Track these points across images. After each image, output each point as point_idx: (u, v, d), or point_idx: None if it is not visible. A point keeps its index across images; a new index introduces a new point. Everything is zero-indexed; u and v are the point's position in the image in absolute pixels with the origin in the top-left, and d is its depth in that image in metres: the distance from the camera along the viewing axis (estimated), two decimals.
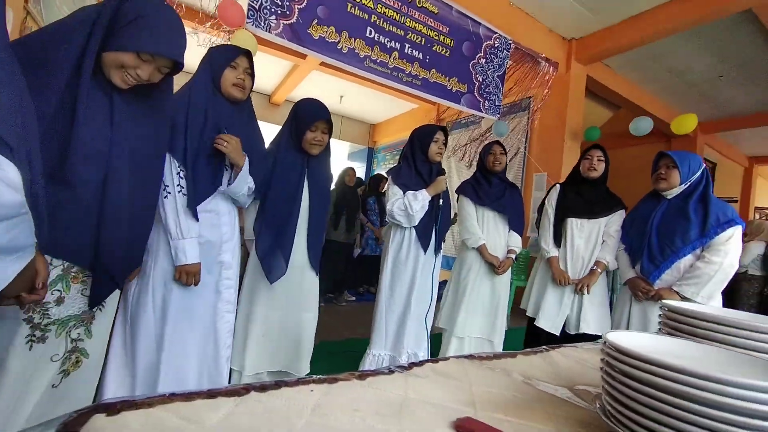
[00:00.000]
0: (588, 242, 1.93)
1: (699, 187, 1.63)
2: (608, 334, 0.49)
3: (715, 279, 1.52)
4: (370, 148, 7.95)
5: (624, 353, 0.44)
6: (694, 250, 1.58)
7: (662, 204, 1.70)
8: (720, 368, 0.43)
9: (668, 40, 3.65)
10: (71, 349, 0.92)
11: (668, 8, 3.27)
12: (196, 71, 1.30)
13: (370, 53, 2.76)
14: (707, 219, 1.56)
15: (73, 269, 0.90)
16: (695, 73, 4.44)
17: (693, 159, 1.66)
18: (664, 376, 0.40)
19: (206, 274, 1.27)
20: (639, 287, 1.67)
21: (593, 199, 1.95)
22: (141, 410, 0.39)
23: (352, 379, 0.56)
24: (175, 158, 1.18)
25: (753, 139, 6.23)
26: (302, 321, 1.58)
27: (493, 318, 2.09)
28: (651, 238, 1.67)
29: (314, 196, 1.58)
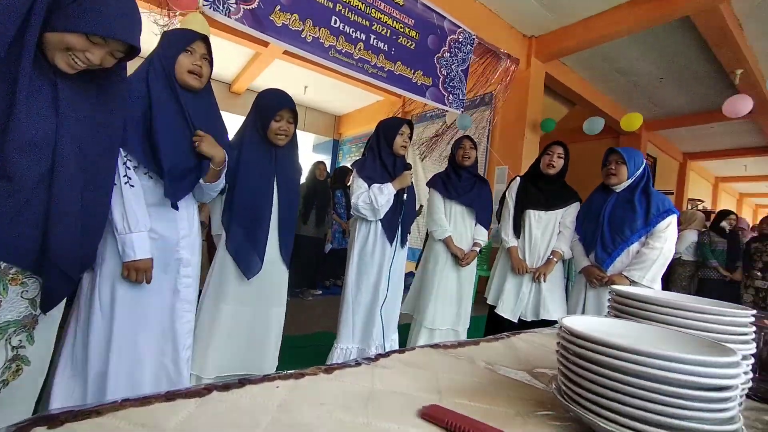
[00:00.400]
0: (545, 233, 2.03)
1: (642, 181, 1.78)
2: (563, 319, 0.52)
3: (657, 263, 1.68)
4: (335, 140, 7.85)
5: (575, 335, 0.47)
6: (640, 237, 1.73)
7: (611, 197, 1.84)
8: (658, 345, 0.47)
9: (618, 42, 3.89)
10: (12, 357, 0.84)
11: (618, 12, 3.47)
12: (149, 56, 1.21)
13: (335, 43, 2.71)
14: (650, 209, 1.72)
15: (12, 270, 0.82)
16: (640, 75, 4.76)
17: (637, 155, 1.81)
18: (609, 355, 0.43)
19: (162, 272, 1.20)
20: (594, 274, 1.80)
21: (551, 192, 2.06)
22: (88, 420, 0.37)
23: (319, 374, 0.56)
24: (124, 148, 1.10)
25: (687, 137, 6.83)
26: (271, 316, 1.55)
27: (458, 308, 2.16)
28: (603, 228, 1.81)
29: (283, 189, 1.55)
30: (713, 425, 0.39)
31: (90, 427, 0.36)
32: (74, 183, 0.87)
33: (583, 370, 0.45)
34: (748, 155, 7.18)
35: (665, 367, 0.40)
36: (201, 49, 1.23)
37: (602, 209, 1.83)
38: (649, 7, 3.26)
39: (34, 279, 0.86)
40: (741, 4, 3.23)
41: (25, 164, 0.78)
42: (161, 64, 1.19)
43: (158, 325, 1.20)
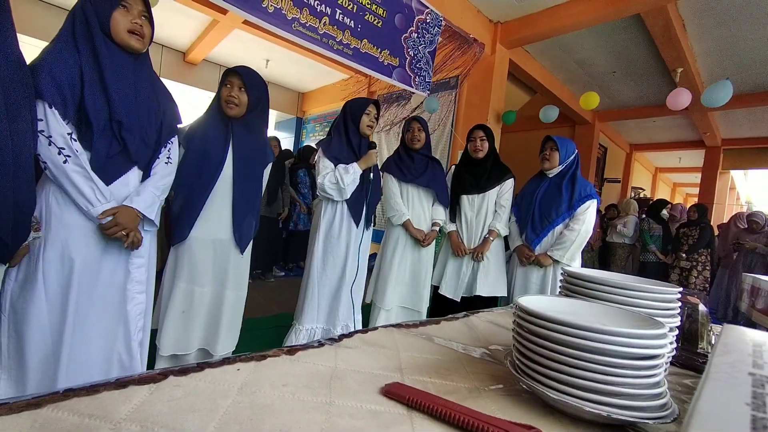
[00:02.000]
0: (479, 214, 2.14)
1: (571, 168, 1.95)
2: (519, 299, 0.55)
3: (576, 243, 1.86)
4: (299, 117, 7.59)
5: (528, 314, 0.50)
6: (564, 220, 1.90)
7: (545, 182, 2.00)
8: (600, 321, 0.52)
9: (578, 34, 4.04)
10: None
11: (579, 4, 3.58)
12: (72, 11, 1.05)
13: (299, 16, 2.58)
14: (573, 194, 1.89)
15: None
16: (596, 67, 5.00)
17: (569, 144, 1.97)
18: (557, 331, 0.46)
19: (112, 252, 1.12)
20: (523, 253, 1.97)
21: (481, 175, 2.15)
22: (24, 413, 0.34)
23: (281, 355, 0.56)
24: (68, 120, 1.01)
25: (634, 129, 7.34)
26: (224, 298, 1.51)
27: (420, 288, 2.21)
28: (534, 211, 1.98)
29: (239, 164, 1.48)
30: (643, 390, 0.44)
31: (28, 421, 0.33)
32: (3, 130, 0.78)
33: (535, 346, 0.49)
34: (683, 148, 7.88)
35: (604, 340, 0.44)
36: (138, 6, 1.11)
37: (535, 193, 2.00)
38: (606, 2, 3.40)
39: None
40: (686, 5, 3.45)
41: None
42: (96, 20, 1.05)
43: (110, 308, 1.13)
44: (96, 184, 1.05)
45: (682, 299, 0.74)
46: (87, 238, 1.07)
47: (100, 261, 1.10)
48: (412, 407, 0.44)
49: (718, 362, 0.30)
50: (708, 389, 0.25)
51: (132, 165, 1.14)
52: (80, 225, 1.06)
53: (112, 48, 1.08)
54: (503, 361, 0.60)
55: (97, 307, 1.11)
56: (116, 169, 1.10)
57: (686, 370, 0.70)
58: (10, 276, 1.02)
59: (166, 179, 1.24)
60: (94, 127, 1.04)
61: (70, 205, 1.05)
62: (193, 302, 1.46)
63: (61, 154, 1.00)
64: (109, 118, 1.06)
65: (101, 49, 1.05)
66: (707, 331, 0.76)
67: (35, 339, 1.02)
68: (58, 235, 1.03)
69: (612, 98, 5.98)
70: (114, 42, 1.08)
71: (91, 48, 1.04)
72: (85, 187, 1.03)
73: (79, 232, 1.06)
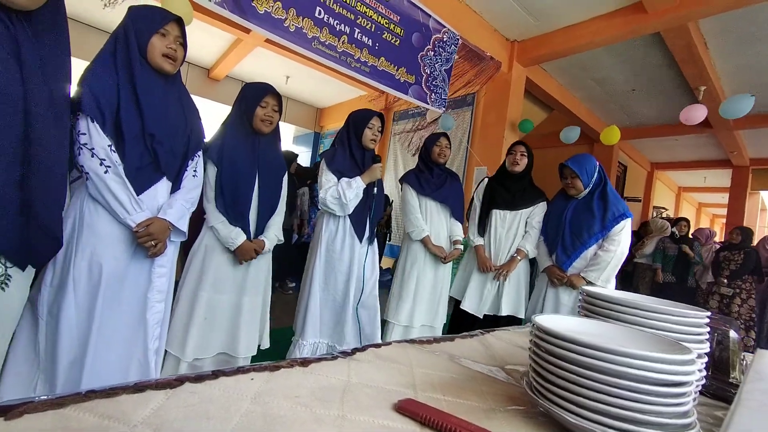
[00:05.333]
0: (509, 232, 2.10)
1: (599, 186, 1.89)
2: (535, 317, 0.54)
3: (611, 264, 1.80)
4: (317, 132, 7.74)
5: (546, 333, 0.49)
6: (597, 240, 1.84)
7: (572, 201, 1.95)
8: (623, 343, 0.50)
9: (595, 52, 4.03)
10: None
11: (596, 23, 3.59)
12: (115, 33, 1.14)
13: (319, 34, 2.67)
14: (606, 214, 1.83)
15: None
16: (614, 85, 4.96)
17: (588, 163, 1.89)
18: (576, 352, 0.45)
19: (137, 261, 1.16)
20: (555, 274, 1.91)
21: (516, 192, 2.12)
22: (49, 412, 0.35)
23: (295, 366, 0.56)
24: (106, 133, 1.07)
25: (655, 147, 7.19)
26: (243, 304, 1.54)
27: (436, 305, 2.18)
28: (564, 231, 1.92)
29: (264, 178, 1.54)
30: (669, 419, 0.42)
31: (52, 420, 0.34)
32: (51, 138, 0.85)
33: (553, 367, 0.47)
34: (708, 167, 7.64)
35: (628, 363, 0.42)
36: (175, 31, 1.19)
37: (564, 213, 1.94)
38: (624, 21, 3.40)
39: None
40: (707, 24, 3.41)
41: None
42: (135, 44, 1.13)
43: (130, 314, 1.17)
44: (132, 193, 1.11)
45: (712, 324, 0.71)
46: (115, 246, 1.12)
47: (126, 269, 1.14)
48: (425, 425, 0.43)
49: (750, 389, 0.28)
50: (739, 416, 0.24)
51: (161, 176, 1.19)
52: (109, 233, 1.11)
53: (147, 69, 1.16)
54: (520, 381, 0.58)
55: (120, 313, 1.14)
56: (146, 179, 1.15)
57: (717, 401, 0.66)
58: (46, 282, 1.07)
59: (193, 192, 1.30)
60: (127, 139, 1.10)
61: (102, 213, 1.10)
62: (214, 309, 1.49)
63: (102, 164, 1.06)
64: (141, 131, 1.13)
65: (137, 70, 1.13)
66: (739, 359, 0.72)
67: (66, 342, 1.05)
68: (88, 242, 1.08)
69: (631, 116, 5.90)
70: (149, 64, 1.16)
71: (128, 68, 1.12)
72: (123, 195, 1.09)
73: (108, 240, 1.11)
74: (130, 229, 1.12)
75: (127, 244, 1.14)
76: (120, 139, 1.10)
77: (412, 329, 2.12)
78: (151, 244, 1.14)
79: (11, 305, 0.88)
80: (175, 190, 1.24)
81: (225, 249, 1.49)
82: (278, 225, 1.64)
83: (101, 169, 1.06)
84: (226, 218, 1.46)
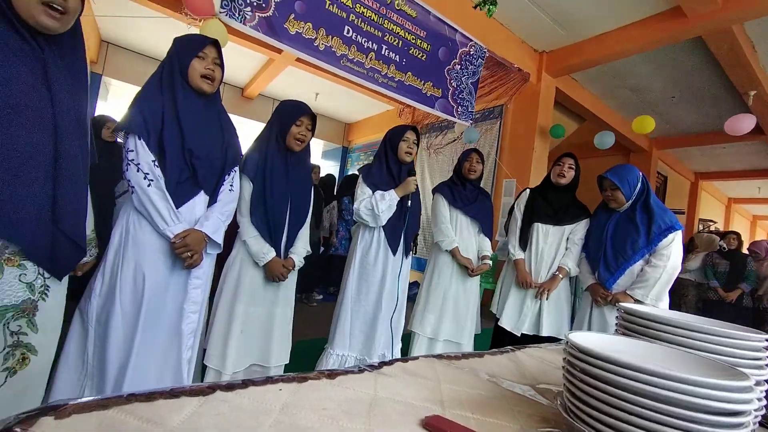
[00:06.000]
0: (552, 248, 2.01)
1: (642, 196, 1.77)
2: (570, 335, 0.51)
3: (660, 281, 1.66)
4: (345, 147, 7.90)
5: (582, 352, 0.46)
6: (643, 256, 1.72)
7: (614, 215, 1.84)
8: (668, 365, 0.47)
9: (629, 59, 3.90)
10: (12, 343, 0.83)
11: (630, 30, 3.48)
12: (162, 62, 1.25)
13: (347, 52, 2.75)
14: (651, 228, 1.71)
15: (8, 250, 0.81)
16: (651, 93, 4.76)
17: (630, 174, 1.78)
18: (618, 373, 0.42)
19: (175, 272, 1.22)
20: (598, 293, 1.80)
21: (560, 206, 2.04)
22: (94, 413, 0.37)
23: (322, 378, 0.56)
24: (151, 149, 1.15)
25: (699, 156, 6.77)
26: (274, 315, 1.58)
27: (463, 321, 2.13)
28: (606, 247, 1.81)
29: (295, 194, 1.59)
30: None
31: (97, 420, 0.36)
32: (77, 153, 0.90)
33: (591, 388, 0.45)
34: (762, 177, 7.09)
35: (677, 389, 0.39)
36: (212, 54, 1.27)
37: (605, 228, 1.83)
38: (660, 27, 3.27)
39: (32, 263, 0.85)
40: (754, 27, 3.23)
41: (23, 138, 0.80)
42: (178, 68, 1.23)
43: (168, 324, 1.22)
44: (171, 206, 1.17)
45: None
46: (156, 257, 1.18)
47: (165, 280, 1.20)
48: None
49: None
50: None
51: (199, 190, 1.26)
52: (151, 244, 1.18)
53: (188, 90, 1.25)
54: (553, 402, 0.55)
55: (159, 323, 1.20)
56: (185, 193, 1.22)
57: None
58: (95, 291, 1.14)
59: (229, 206, 1.36)
60: (168, 156, 1.18)
61: (145, 226, 1.17)
62: (250, 321, 1.52)
63: (146, 178, 1.14)
64: (181, 147, 1.20)
65: (178, 92, 1.22)
66: None
67: (114, 350, 1.12)
68: (133, 253, 1.15)
69: (671, 124, 5.62)
70: (190, 85, 1.25)
71: (171, 91, 1.22)
72: (163, 207, 1.16)
73: (150, 251, 1.17)
74: (168, 240, 1.18)
75: (167, 255, 1.20)
76: (162, 156, 1.18)
77: (437, 342, 2.08)
78: (188, 255, 1.19)
79: (53, 315, 0.92)
80: (212, 204, 1.30)
81: None
82: (306, 237, 1.68)
83: (145, 183, 1.14)
84: (259, 233, 1.51)
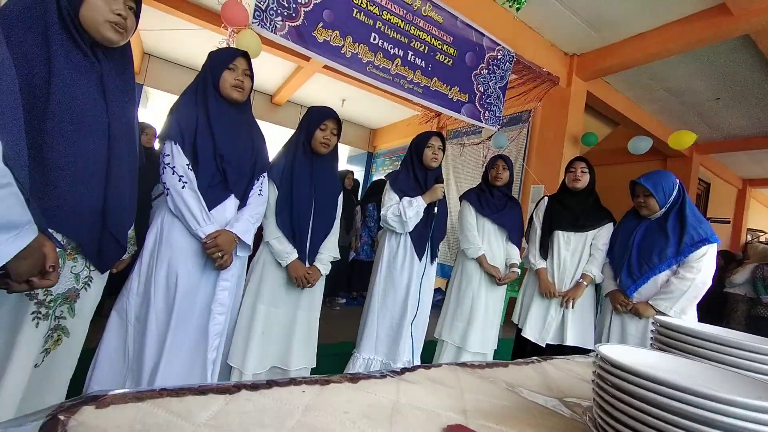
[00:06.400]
0: (574, 255, 1.96)
1: (676, 204, 1.68)
2: (600, 347, 0.49)
3: (687, 294, 1.58)
4: (370, 152, 7.97)
5: (616, 367, 0.44)
6: (671, 266, 1.64)
7: (644, 221, 1.76)
8: (711, 385, 0.44)
9: (667, 60, 3.72)
10: (54, 326, 0.90)
11: (669, 30, 3.33)
12: (198, 74, 1.34)
13: (373, 59, 2.78)
14: (683, 238, 1.62)
15: (70, 246, 0.90)
16: (692, 94, 4.51)
17: (666, 181, 1.70)
18: (656, 391, 0.40)
19: (206, 273, 1.27)
20: (618, 300, 1.74)
21: (580, 212, 1.98)
22: (130, 404, 0.39)
23: (344, 382, 0.56)
24: (185, 153, 1.22)
25: (747, 162, 6.33)
26: (297, 319, 1.60)
27: (489, 328, 2.09)
28: (631, 253, 1.74)
29: (320, 199, 1.61)
30: None
31: (132, 412, 0.38)
32: (125, 161, 0.98)
33: (625, 405, 0.42)
34: None
35: (723, 411, 0.37)
36: (242, 65, 1.34)
37: (633, 234, 1.76)
38: (703, 26, 3.10)
39: (82, 257, 0.93)
40: None
41: (85, 145, 0.87)
42: (211, 79, 1.31)
43: (196, 324, 1.27)
44: (204, 207, 1.23)
45: None
46: (188, 258, 1.24)
47: (197, 280, 1.25)
48: None
49: None
50: None
51: (229, 193, 1.31)
52: (183, 246, 1.23)
53: (220, 99, 1.32)
54: (581, 417, 0.53)
55: (189, 322, 1.24)
56: (217, 196, 1.28)
57: None
58: (132, 290, 1.21)
59: (259, 209, 1.41)
60: (201, 160, 1.24)
61: (178, 227, 1.23)
62: (271, 322, 1.55)
63: (180, 180, 1.21)
64: (213, 153, 1.26)
65: (211, 101, 1.29)
66: None
67: (150, 347, 1.18)
68: (166, 254, 1.21)
69: (715, 128, 5.29)
70: (222, 95, 1.32)
71: (204, 100, 1.29)
72: (196, 209, 1.21)
73: (182, 252, 1.23)
74: (200, 240, 1.23)
75: (199, 257, 1.25)
76: (195, 161, 1.24)
77: (464, 352, 2.04)
78: (218, 256, 1.24)
79: (90, 304, 1.00)
80: (241, 207, 1.35)
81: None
82: (333, 245, 1.69)
83: (179, 185, 1.20)
84: (284, 235, 1.54)
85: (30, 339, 0.82)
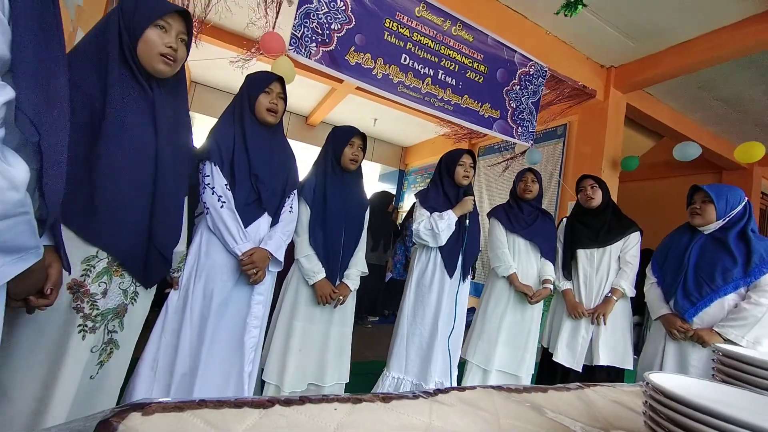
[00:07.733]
0: (599, 271, 1.89)
1: (740, 223, 1.54)
2: (651, 376, 0.46)
3: (762, 322, 1.41)
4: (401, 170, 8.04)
5: (674, 399, 0.41)
6: (737, 289, 1.48)
7: (699, 237, 1.62)
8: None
9: (719, 68, 3.50)
10: (107, 340, 0.96)
11: (716, 37, 3.15)
12: (235, 96, 1.42)
13: (404, 79, 2.84)
14: (751, 257, 1.47)
15: (116, 263, 0.95)
16: (750, 103, 4.19)
17: (732, 193, 1.56)
18: (720, 428, 0.36)
19: (240, 288, 1.32)
20: (675, 325, 1.57)
21: (599, 227, 1.92)
22: (173, 413, 0.41)
23: (376, 401, 0.55)
24: (223, 173, 1.28)
25: None
26: (330, 335, 1.62)
27: (522, 351, 1.99)
28: (687, 273, 1.58)
29: (350, 215, 1.65)
30: None
31: (173, 420, 0.40)
32: (171, 184, 1.03)
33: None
34: None
35: None
36: (277, 89, 1.41)
37: (687, 251, 1.61)
38: (761, 29, 2.90)
39: (128, 272, 0.99)
40: None
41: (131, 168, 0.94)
42: (248, 102, 1.38)
43: (232, 337, 1.31)
44: (240, 226, 1.29)
45: None
46: (224, 273, 1.29)
47: (231, 294, 1.30)
48: None
49: None
50: None
51: (263, 211, 1.37)
52: (220, 262, 1.29)
53: (255, 122, 1.39)
54: None
55: (224, 335, 1.29)
56: (251, 214, 1.34)
57: None
58: (171, 303, 1.28)
59: (290, 226, 1.46)
60: (237, 180, 1.31)
61: (215, 244, 1.30)
62: (307, 339, 1.57)
63: (219, 200, 1.27)
64: (249, 173, 1.32)
65: (247, 123, 1.37)
66: None
67: (182, 357, 1.23)
68: (204, 269, 1.28)
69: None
70: (257, 118, 1.39)
71: (241, 122, 1.37)
72: (234, 227, 1.28)
73: (219, 268, 1.29)
74: (236, 257, 1.28)
75: (234, 272, 1.30)
76: (232, 180, 1.31)
77: (490, 373, 1.96)
78: (253, 272, 1.28)
79: (137, 318, 1.06)
80: (273, 224, 1.40)
81: None
82: (361, 261, 1.71)
83: (218, 204, 1.26)
84: (316, 254, 1.57)
85: (76, 350, 0.88)
